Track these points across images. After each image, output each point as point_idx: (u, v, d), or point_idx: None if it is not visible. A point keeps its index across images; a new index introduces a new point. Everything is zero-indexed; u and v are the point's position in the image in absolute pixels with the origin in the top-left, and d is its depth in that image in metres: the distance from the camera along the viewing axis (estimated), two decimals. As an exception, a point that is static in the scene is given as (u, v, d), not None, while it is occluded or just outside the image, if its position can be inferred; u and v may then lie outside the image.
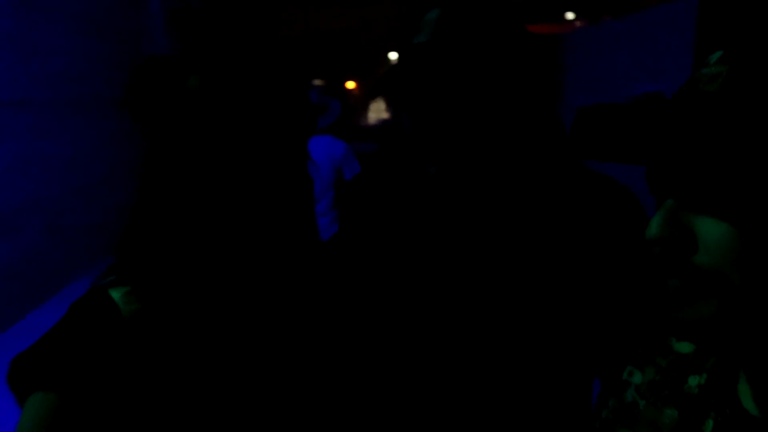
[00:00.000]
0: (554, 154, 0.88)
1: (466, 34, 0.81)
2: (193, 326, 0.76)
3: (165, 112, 0.75)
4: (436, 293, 0.87)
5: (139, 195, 0.79)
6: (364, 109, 17.60)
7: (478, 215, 0.87)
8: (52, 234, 4.27)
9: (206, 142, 0.74)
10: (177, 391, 0.75)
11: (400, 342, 0.88)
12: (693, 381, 0.59)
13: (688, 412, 0.57)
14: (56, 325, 0.76)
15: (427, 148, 0.85)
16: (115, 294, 0.76)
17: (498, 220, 0.86)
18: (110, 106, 4.96)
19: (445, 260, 0.88)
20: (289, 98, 0.79)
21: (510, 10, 0.84)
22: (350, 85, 17.79)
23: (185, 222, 0.76)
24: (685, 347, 0.62)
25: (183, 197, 0.75)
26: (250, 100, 0.76)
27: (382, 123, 12.47)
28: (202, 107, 0.73)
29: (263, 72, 0.78)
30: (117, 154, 4.93)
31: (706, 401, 0.56)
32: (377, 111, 18.21)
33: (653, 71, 3.26)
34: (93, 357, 0.72)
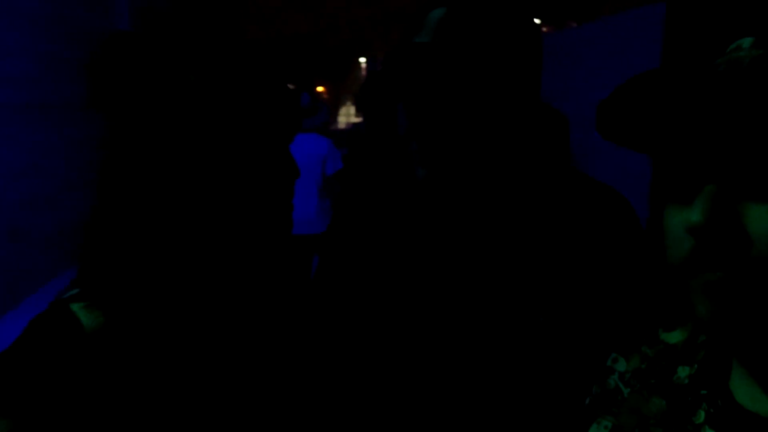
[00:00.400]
0: (548, 160, 0.88)
1: (471, 37, 0.79)
2: (163, 340, 0.72)
3: (134, 97, 0.72)
4: (426, 297, 0.86)
5: (101, 198, 0.75)
6: (333, 113, 17.59)
7: (467, 221, 0.87)
8: (13, 241, 4.14)
9: (187, 138, 0.71)
10: (147, 411, 0.70)
11: (387, 347, 0.87)
12: (683, 372, 0.59)
13: (677, 402, 0.57)
14: (13, 344, 0.70)
15: (421, 150, 0.83)
16: (77, 308, 0.71)
17: (487, 225, 0.86)
18: (74, 110, 4.84)
19: (432, 265, 0.87)
20: (276, 95, 0.77)
21: (520, 13, 0.83)
22: (318, 89, 17.77)
23: (154, 227, 0.72)
24: (673, 337, 0.62)
25: (151, 199, 0.72)
26: (239, 98, 0.73)
27: (352, 127, 12.49)
28: (193, 102, 0.70)
29: (250, 70, 0.75)
30: (81, 160, 4.82)
31: (697, 392, 0.56)
32: (346, 115, 18.23)
33: (620, 76, 3.31)
34: (52, 379, 0.67)
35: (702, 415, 0.54)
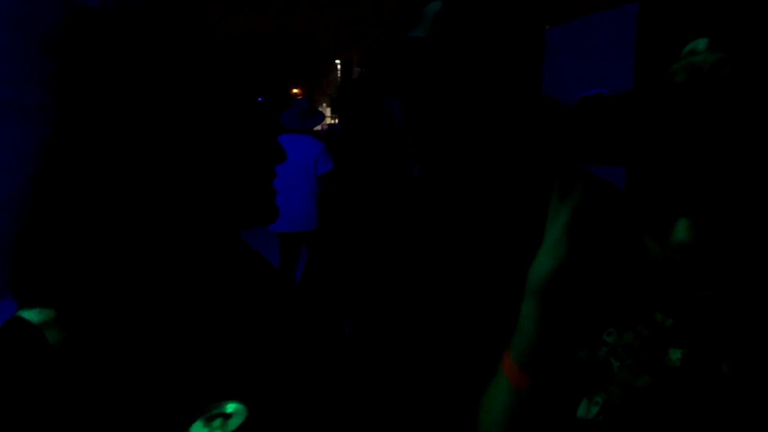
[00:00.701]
0: (545, 158, 0.87)
1: (469, 31, 0.77)
2: (135, 347, 0.67)
3: (102, 80, 0.67)
4: (416, 294, 0.86)
5: (47, 191, 0.70)
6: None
7: (460, 219, 0.86)
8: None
9: (158, 127, 0.67)
10: (122, 423, 0.65)
11: (375, 343, 0.87)
12: (674, 354, 0.59)
13: (669, 382, 0.58)
14: None
15: (418, 147, 0.82)
16: (38, 320, 0.65)
17: (480, 224, 0.85)
18: (35, 113, 4.71)
19: (423, 261, 0.86)
20: (245, 98, 0.74)
21: (518, 9, 0.82)
22: (294, 90, 17.68)
23: (113, 222, 0.67)
24: (669, 322, 0.62)
25: (110, 192, 0.67)
26: (215, 90, 0.71)
27: (327, 128, 12.45)
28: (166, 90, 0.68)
29: (227, 63, 0.73)
30: (24, 167, 4.69)
31: (690, 374, 0.57)
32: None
33: (596, 77, 3.36)
34: (18, 398, 0.61)
35: (694, 396, 0.55)
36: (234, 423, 0.68)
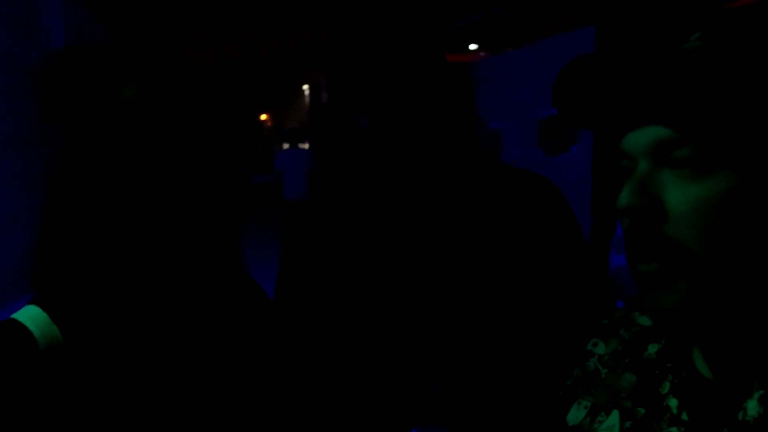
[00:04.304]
0: (472, 155, 0.93)
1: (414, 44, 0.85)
2: (121, 351, 0.70)
3: (89, 113, 0.71)
4: (395, 289, 0.88)
5: (52, 208, 0.73)
6: (277, 141, 17.48)
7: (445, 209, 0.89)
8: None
9: (136, 156, 0.70)
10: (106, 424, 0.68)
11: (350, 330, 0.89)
12: (652, 348, 0.62)
13: (646, 376, 0.61)
14: None
15: (395, 148, 0.86)
16: (28, 321, 0.67)
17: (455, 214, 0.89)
18: (9, 143, 4.68)
19: (408, 255, 0.89)
20: (228, 118, 0.78)
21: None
22: (262, 117, 17.68)
23: (105, 235, 0.71)
24: (646, 320, 0.66)
25: (102, 210, 0.70)
26: (191, 119, 0.74)
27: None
28: (138, 120, 0.70)
29: (198, 94, 0.76)
30: (24, 193, 4.64)
31: (664, 365, 0.60)
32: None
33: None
34: (4, 397, 0.63)
35: (667, 386, 0.57)
36: None
